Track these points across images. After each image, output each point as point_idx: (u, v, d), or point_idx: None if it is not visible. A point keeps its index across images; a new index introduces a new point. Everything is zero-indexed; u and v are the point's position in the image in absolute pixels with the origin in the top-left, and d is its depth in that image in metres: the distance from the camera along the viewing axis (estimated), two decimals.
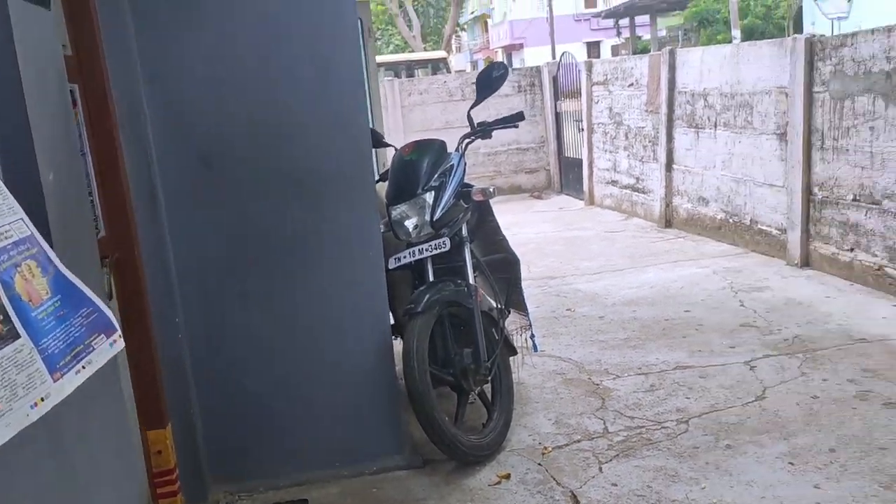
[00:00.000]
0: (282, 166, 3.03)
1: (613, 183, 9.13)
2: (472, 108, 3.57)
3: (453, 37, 37.98)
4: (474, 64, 49.48)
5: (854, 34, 5.27)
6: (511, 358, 3.80)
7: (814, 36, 5.70)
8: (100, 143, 2.43)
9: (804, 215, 5.73)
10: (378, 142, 3.79)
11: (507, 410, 3.48)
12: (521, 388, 4.05)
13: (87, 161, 2.32)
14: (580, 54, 35.62)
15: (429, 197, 3.32)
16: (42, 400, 1.25)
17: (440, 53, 19.29)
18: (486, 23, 51.37)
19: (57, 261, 1.40)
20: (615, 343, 4.65)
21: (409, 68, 16.39)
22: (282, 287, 3.10)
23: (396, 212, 3.36)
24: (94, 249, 2.02)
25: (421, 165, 3.40)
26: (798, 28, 22.97)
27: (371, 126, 5.36)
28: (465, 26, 51.02)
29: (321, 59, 3.00)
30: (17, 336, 1.24)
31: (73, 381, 1.33)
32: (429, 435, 3.11)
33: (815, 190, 5.64)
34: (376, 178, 3.73)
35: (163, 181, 2.91)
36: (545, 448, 3.39)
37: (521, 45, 43.47)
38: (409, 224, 3.36)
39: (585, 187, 9.81)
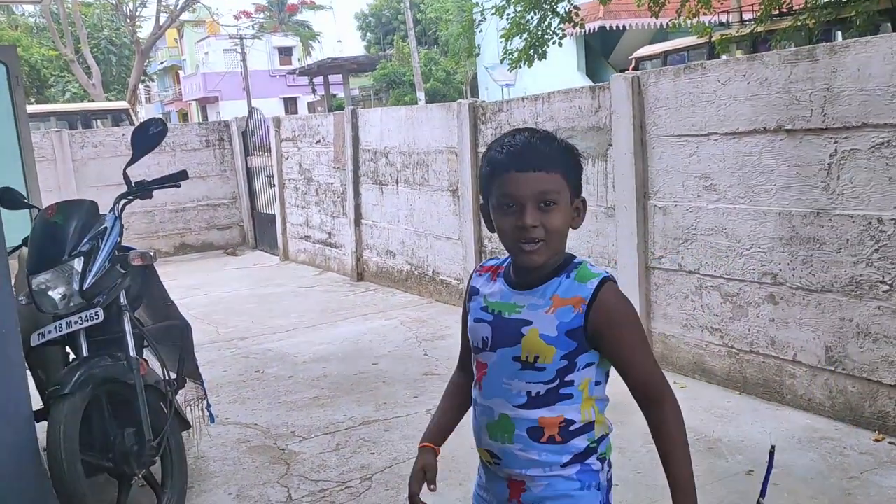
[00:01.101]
0: None
1: (307, 238, 9.14)
2: (127, 166, 3.30)
3: (141, 87, 36.01)
4: (167, 116, 47.38)
5: (508, 101, 5.87)
6: (189, 431, 3.54)
7: (476, 101, 6.23)
8: None
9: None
10: (16, 203, 3.34)
11: (179, 491, 3.19)
12: (201, 462, 3.78)
13: None
14: (278, 109, 35.81)
15: (77, 263, 2.98)
16: None
17: (122, 104, 18.08)
18: (177, 74, 49.56)
19: None
20: (304, 403, 4.55)
21: (87, 119, 15.10)
22: None
23: (37, 281, 2.97)
24: None
25: (67, 229, 3.04)
26: (475, 93, 25.35)
27: (23, 183, 4.81)
28: (155, 77, 48.75)
29: None
30: None
31: None
32: None
33: (486, 242, 6.12)
34: (17, 243, 3.28)
35: None
36: None
37: (216, 99, 42.59)
38: (55, 294, 2.98)
39: (280, 243, 9.71)
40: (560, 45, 12.28)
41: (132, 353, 3.07)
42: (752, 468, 3.33)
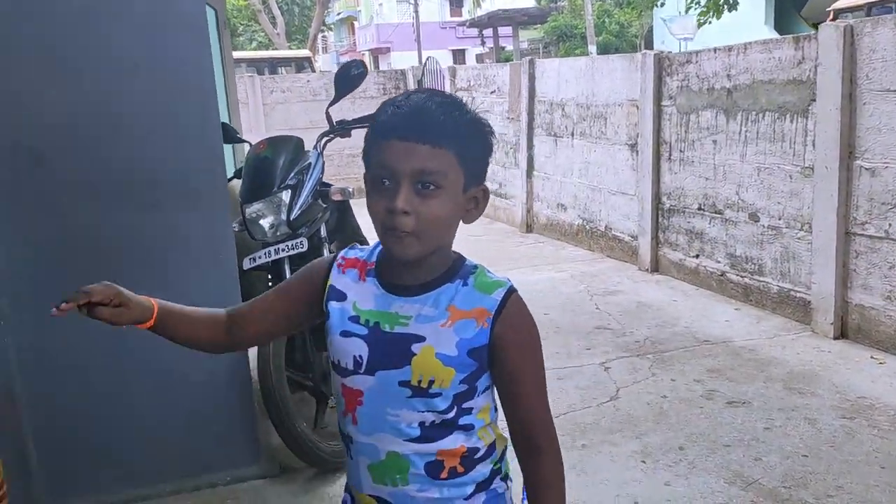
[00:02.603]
0: (119, 167, 2.77)
1: None
2: (330, 105, 3.47)
3: (319, 37, 37.49)
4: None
5: (698, 52, 5.58)
6: None
7: (662, 52, 5.99)
8: None
9: (654, 223, 6.01)
10: (232, 137, 3.60)
11: None
12: None
13: None
14: (446, 60, 36.07)
15: (285, 195, 3.19)
16: None
17: (304, 52, 18.93)
18: (352, 25, 51.14)
19: None
20: None
21: (273, 66, 15.96)
22: None
23: (251, 210, 3.20)
24: None
25: (276, 163, 3.25)
26: (650, 46, 24.35)
27: (227, 121, 5.18)
28: (332, 27, 50.57)
29: (165, 50, 2.78)
30: None
31: None
32: (286, 442, 2.98)
33: (664, 199, 5.93)
34: (228, 175, 3.55)
35: None
36: None
37: (387, 49, 43.59)
38: (265, 223, 3.20)
39: None
40: None
41: None
42: None
